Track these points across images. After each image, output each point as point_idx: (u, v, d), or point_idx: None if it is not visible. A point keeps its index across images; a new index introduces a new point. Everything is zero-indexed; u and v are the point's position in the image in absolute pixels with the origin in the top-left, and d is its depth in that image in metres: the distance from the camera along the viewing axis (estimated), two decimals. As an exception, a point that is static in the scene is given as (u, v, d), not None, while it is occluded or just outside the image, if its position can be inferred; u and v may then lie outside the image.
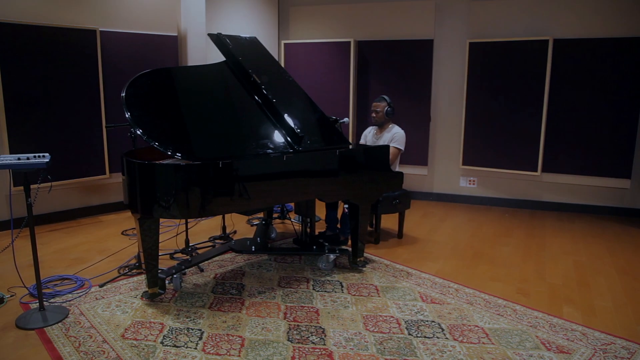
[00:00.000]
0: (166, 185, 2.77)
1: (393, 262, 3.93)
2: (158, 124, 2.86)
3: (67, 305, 3.07)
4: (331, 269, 3.74)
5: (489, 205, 5.98)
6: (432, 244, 4.48)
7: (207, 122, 3.12)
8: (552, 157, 5.52)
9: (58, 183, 4.72)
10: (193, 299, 3.19)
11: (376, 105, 4.43)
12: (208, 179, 2.81)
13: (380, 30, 6.03)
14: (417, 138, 5.92)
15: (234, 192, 2.90)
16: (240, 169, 2.90)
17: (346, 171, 3.45)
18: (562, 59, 5.28)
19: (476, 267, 3.88)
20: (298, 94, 3.66)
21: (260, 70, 3.61)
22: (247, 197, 2.95)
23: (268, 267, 3.78)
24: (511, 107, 5.54)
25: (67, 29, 4.62)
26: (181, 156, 2.78)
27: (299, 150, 3.16)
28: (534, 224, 5.21)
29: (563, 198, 5.69)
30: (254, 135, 3.21)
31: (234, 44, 3.68)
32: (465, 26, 5.76)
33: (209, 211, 2.88)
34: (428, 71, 5.88)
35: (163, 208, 2.79)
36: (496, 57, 5.51)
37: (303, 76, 6.08)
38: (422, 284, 3.50)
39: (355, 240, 3.69)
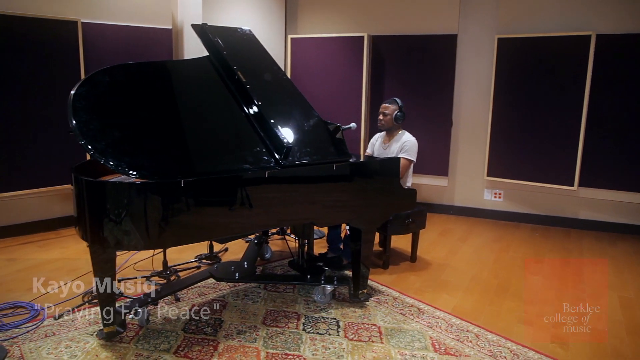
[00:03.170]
0: (118, 208, 2.25)
1: (402, 294, 3.34)
2: (109, 133, 2.33)
3: (8, 343, 2.59)
4: (328, 301, 3.18)
5: (516, 222, 5.34)
6: (450, 270, 3.87)
7: (174, 130, 2.59)
8: (592, 170, 4.86)
9: (36, 190, 4.30)
10: (158, 340, 2.67)
11: (385, 107, 3.85)
12: (169, 202, 2.28)
13: (397, 24, 5.46)
14: (436, 145, 5.37)
15: (203, 217, 2.37)
16: (210, 188, 2.37)
17: (346, 189, 2.89)
18: (606, 57, 4.64)
19: (501, 304, 3.27)
20: (292, 96, 3.10)
21: (249, 67, 3.07)
22: (219, 223, 2.42)
23: (255, 296, 3.25)
24: (545, 112, 4.92)
25: (44, 19, 4.17)
26: (135, 174, 2.25)
27: (284, 165, 2.61)
28: (569, 247, 4.55)
29: (603, 216, 5.03)
30: (232, 146, 2.67)
31: (220, 36, 3.16)
32: (493, 20, 5.17)
33: (172, 241, 2.38)
34: (451, 70, 5.31)
35: (115, 237, 2.27)
36: (528, 55, 4.92)
37: (311, 75, 5.59)
38: (435, 326, 2.91)
39: (357, 269, 3.12)
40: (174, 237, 2.37)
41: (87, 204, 2.31)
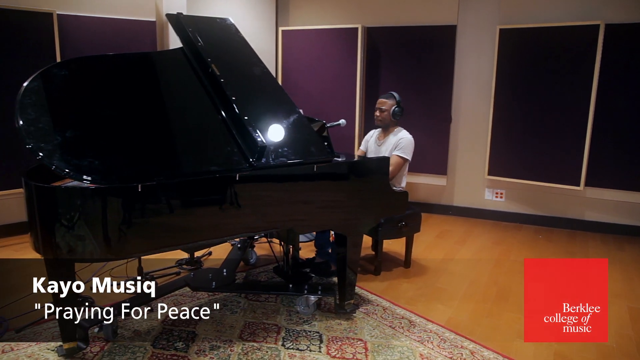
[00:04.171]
0: (70, 216, 2.03)
1: (393, 304, 3.11)
2: (60, 133, 2.11)
3: (-40, 361, 2.39)
4: (312, 312, 2.96)
5: (518, 223, 5.10)
6: (446, 276, 3.64)
7: (137, 129, 2.36)
8: (600, 169, 4.61)
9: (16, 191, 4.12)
10: (124, 356, 2.46)
11: (382, 102, 3.60)
12: (125, 208, 2.06)
13: (392, 15, 5.22)
14: (434, 142, 5.14)
15: (164, 226, 2.15)
16: (172, 193, 2.14)
17: (328, 193, 2.66)
18: (616, 48, 4.37)
19: (500, 315, 3.04)
20: (272, 91, 2.87)
21: (225, 59, 2.84)
22: (184, 231, 2.19)
23: (235, 306, 3.03)
24: (549, 106, 4.67)
25: (17, 11, 3.97)
26: (89, 179, 2.03)
27: (257, 167, 2.37)
28: (574, 250, 4.32)
29: (610, 217, 4.78)
30: (201, 146, 2.44)
31: (195, 27, 2.92)
32: (494, 9, 4.92)
33: (129, 251, 2.15)
34: (450, 63, 5.06)
35: (68, 245, 2.06)
36: (532, 47, 4.67)
37: (302, 69, 5.37)
38: (426, 341, 2.67)
39: (342, 278, 2.89)
40: (132, 246, 2.15)
41: (37, 211, 2.09)
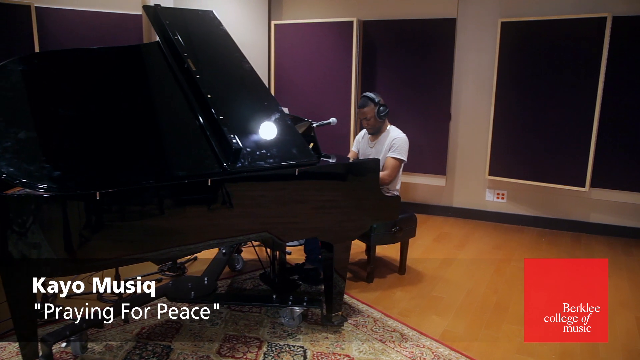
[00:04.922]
0: (23, 227, 1.85)
1: (385, 316, 2.93)
2: (12, 135, 1.92)
3: None
4: (297, 325, 2.77)
5: (520, 225, 4.92)
6: (443, 284, 3.44)
7: (101, 131, 2.18)
8: (606, 169, 4.43)
9: None
10: (92, 375, 2.29)
11: (363, 113, 3.42)
12: (85, 217, 1.88)
13: (390, 8, 5.05)
14: (433, 141, 4.98)
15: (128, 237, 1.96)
16: (137, 201, 1.96)
17: (311, 198, 2.46)
18: (624, 42, 4.17)
19: (499, 328, 2.84)
20: (253, 88, 2.68)
21: (203, 54, 2.66)
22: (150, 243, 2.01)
23: (216, 317, 2.85)
24: (553, 104, 4.49)
25: (-8, 4, 3.80)
26: (44, 187, 1.85)
27: (231, 171, 2.18)
28: (578, 254, 4.13)
29: (616, 219, 4.59)
30: (171, 148, 2.25)
31: (172, 19, 2.73)
32: (496, 2, 4.74)
33: (91, 265, 1.96)
34: (449, 58, 4.90)
35: (24, 260, 1.88)
36: (535, 41, 4.49)
37: (296, 64, 5.21)
38: (418, 358, 2.49)
39: (329, 289, 2.70)
40: (95, 259, 1.97)
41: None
